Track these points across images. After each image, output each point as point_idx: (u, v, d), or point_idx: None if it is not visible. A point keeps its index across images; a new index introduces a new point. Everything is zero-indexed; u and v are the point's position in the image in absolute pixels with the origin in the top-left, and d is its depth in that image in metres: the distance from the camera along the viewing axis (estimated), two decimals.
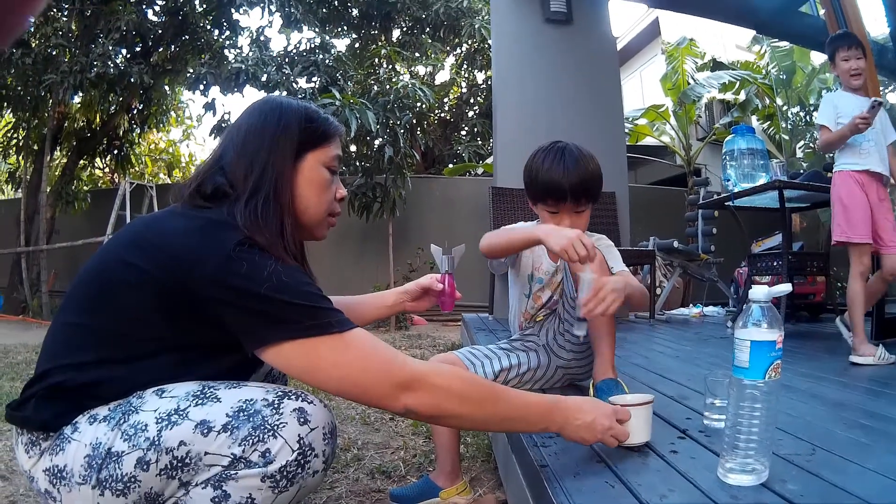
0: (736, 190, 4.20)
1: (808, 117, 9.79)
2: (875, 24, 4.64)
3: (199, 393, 1.28)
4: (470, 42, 12.88)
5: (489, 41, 10.23)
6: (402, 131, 8.44)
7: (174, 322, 1.30)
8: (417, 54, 13.00)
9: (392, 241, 8.58)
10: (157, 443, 1.21)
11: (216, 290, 1.24)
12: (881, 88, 4.05)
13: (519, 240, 1.99)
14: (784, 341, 1.23)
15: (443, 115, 14.27)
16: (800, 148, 9.80)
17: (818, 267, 4.41)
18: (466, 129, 13.74)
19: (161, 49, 11.11)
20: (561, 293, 2.24)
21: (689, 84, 10.82)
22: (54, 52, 9.50)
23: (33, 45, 9.52)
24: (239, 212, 1.33)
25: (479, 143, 12.66)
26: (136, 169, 14.35)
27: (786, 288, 1.28)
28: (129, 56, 10.56)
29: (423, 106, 9.36)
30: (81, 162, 12.23)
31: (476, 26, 11.67)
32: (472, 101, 14.08)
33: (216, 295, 1.25)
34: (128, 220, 9.12)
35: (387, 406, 1.32)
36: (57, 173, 11.79)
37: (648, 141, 12.18)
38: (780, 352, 1.21)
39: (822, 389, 2.35)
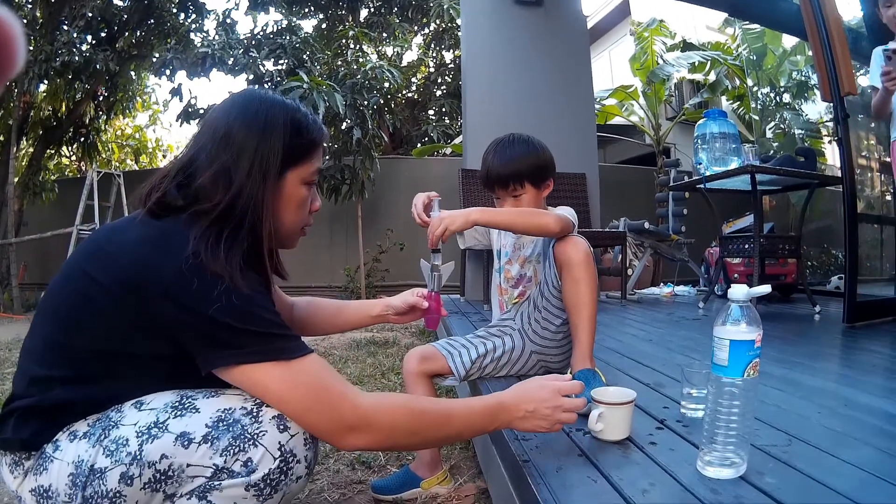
0: (708, 173, 4.23)
1: (777, 98, 9.87)
2: (849, 10, 4.66)
3: (177, 404, 1.26)
4: (438, 22, 12.78)
5: (457, 21, 10.16)
6: (369, 113, 8.38)
7: (138, 335, 1.27)
8: (385, 35, 12.88)
9: (361, 222, 8.54)
10: (138, 457, 1.19)
11: (166, 306, 1.21)
12: (855, 73, 4.04)
13: None
14: None
15: (410, 94, 14.18)
16: (769, 129, 9.89)
17: (789, 250, 4.45)
18: (434, 109, 13.64)
19: (126, 34, 10.86)
20: (534, 272, 2.31)
21: (658, 64, 10.86)
22: None
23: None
24: (198, 233, 1.25)
25: (447, 122, 12.58)
26: (104, 156, 14.12)
27: (765, 289, 1.30)
28: (94, 43, 10.30)
29: (391, 87, 9.31)
30: (48, 151, 12.00)
31: (444, 6, 11.56)
32: (439, 80, 13.98)
33: (166, 311, 1.21)
34: (96, 209, 9.02)
35: (334, 444, 1.33)
36: (24, 164, 11.53)
37: (617, 121, 12.21)
38: (758, 350, 1.23)
39: (796, 375, 2.38)
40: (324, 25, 13.53)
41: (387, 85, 8.94)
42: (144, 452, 1.19)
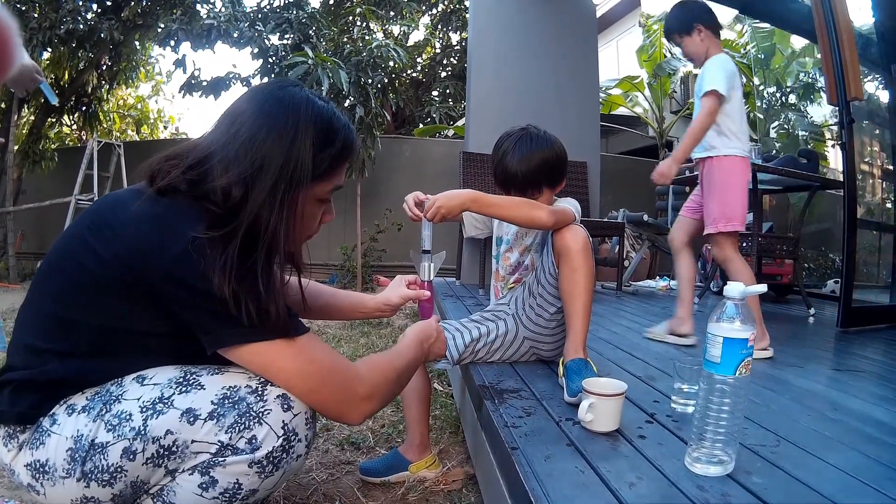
0: None
1: (783, 98, 9.84)
2: (861, 15, 4.61)
3: (181, 380, 1.26)
4: (446, 3, 12.70)
5: (466, 2, 10.09)
6: (373, 91, 8.31)
7: (136, 311, 1.26)
8: (392, 13, 12.78)
9: (360, 201, 8.49)
10: (143, 432, 1.20)
11: (168, 285, 1.20)
12: (863, 79, 4.01)
13: None
14: None
15: (415, 75, 14.11)
16: (774, 128, 9.87)
17: (787, 250, 4.46)
18: (438, 90, 13.56)
19: (132, 4, 10.76)
20: (532, 260, 2.31)
21: (665, 57, 10.82)
22: (24, 9, 9.10)
23: (1, 1, 9.09)
24: (211, 253, 1.20)
25: (451, 104, 12.48)
26: (105, 126, 14.07)
27: (761, 288, 1.30)
28: (99, 11, 10.21)
29: (396, 66, 9.25)
30: (49, 120, 11.93)
31: None
32: (445, 62, 13.90)
33: (169, 290, 1.21)
34: (95, 179, 9.05)
35: (345, 416, 1.40)
36: (24, 131, 11.49)
37: (621, 111, 12.18)
38: (751, 349, 1.23)
39: (788, 376, 2.39)
40: (331, 1, 13.43)
41: (392, 64, 8.85)
42: (149, 427, 1.20)
